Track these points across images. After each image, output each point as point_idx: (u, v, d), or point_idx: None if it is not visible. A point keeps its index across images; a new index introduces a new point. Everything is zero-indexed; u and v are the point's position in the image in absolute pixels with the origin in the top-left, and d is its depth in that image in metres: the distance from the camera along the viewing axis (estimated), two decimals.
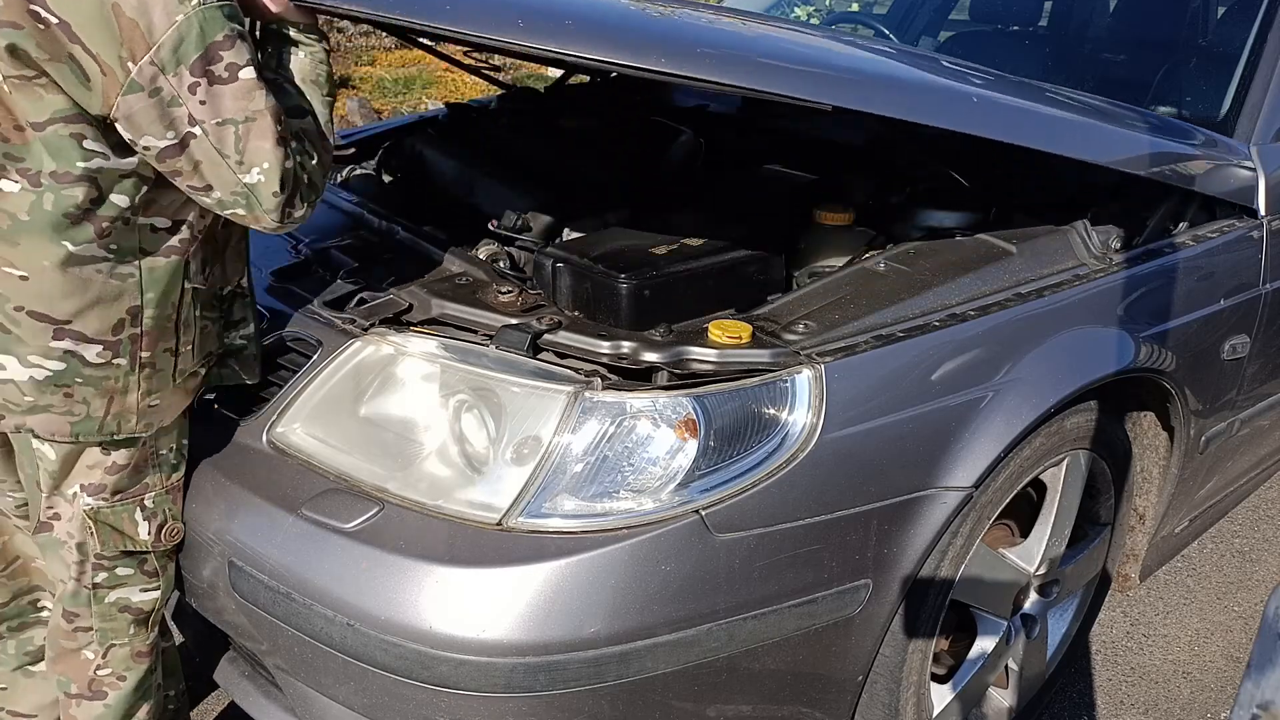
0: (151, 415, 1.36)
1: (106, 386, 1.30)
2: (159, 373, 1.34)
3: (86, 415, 1.30)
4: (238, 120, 1.19)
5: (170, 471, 1.43)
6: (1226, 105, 2.06)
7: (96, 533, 1.38)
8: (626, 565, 1.27)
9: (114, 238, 1.25)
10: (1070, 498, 1.78)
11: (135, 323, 1.30)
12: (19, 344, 1.26)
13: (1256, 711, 0.93)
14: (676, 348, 1.38)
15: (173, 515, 1.44)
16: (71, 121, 1.18)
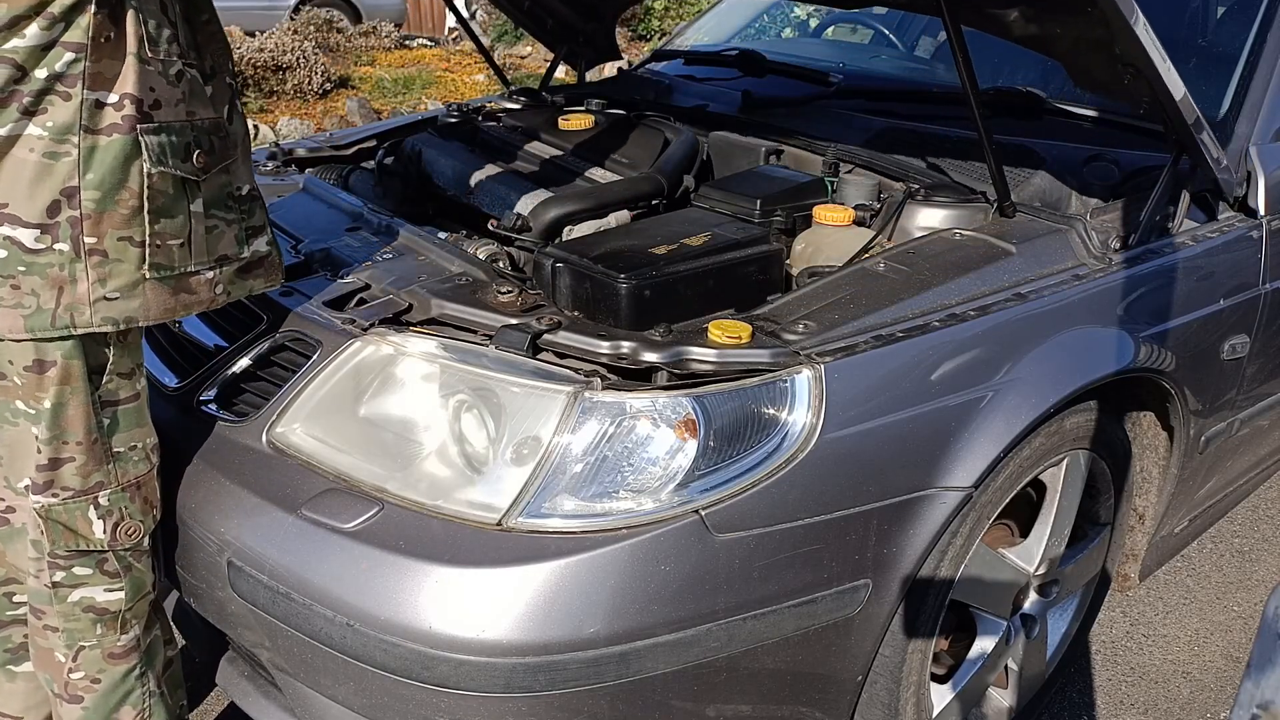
0: (112, 309, 1.26)
1: (51, 275, 1.22)
2: (115, 262, 1.25)
3: (37, 308, 1.23)
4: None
5: (129, 468, 1.37)
6: (1226, 105, 2.06)
7: (47, 531, 1.33)
8: (626, 565, 1.27)
9: (48, 114, 1.19)
10: (1070, 498, 1.78)
11: (73, 204, 1.22)
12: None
13: (1256, 711, 0.93)
14: (676, 348, 1.38)
15: (130, 514, 1.38)
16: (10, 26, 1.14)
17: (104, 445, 1.34)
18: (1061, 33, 1.64)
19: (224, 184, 1.38)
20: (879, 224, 1.80)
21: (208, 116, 1.35)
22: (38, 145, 1.19)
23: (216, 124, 1.37)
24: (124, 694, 1.44)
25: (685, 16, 9.10)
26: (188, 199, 1.31)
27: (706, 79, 2.57)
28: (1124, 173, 1.90)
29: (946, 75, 2.56)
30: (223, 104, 1.39)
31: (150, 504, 1.41)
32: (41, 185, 1.20)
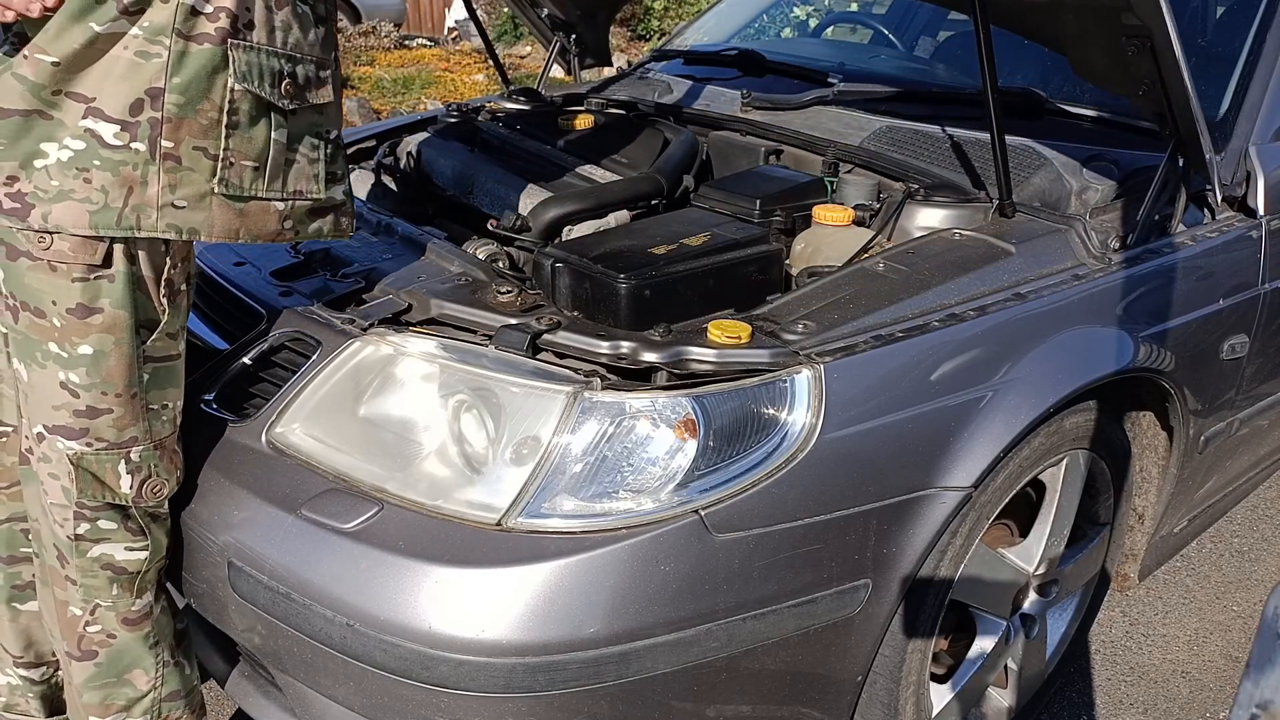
0: (178, 217, 1.27)
1: (124, 174, 1.24)
2: (186, 171, 1.27)
3: (105, 204, 1.24)
4: None
5: (162, 427, 1.39)
6: (1225, 105, 2.06)
7: (77, 479, 1.34)
8: (626, 565, 1.27)
9: (145, 14, 1.20)
10: (1069, 497, 1.78)
11: (155, 106, 1.23)
12: (60, 128, 1.23)
13: (1256, 711, 0.93)
14: (676, 348, 1.38)
15: (158, 471, 1.39)
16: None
17: (142, 401, 1.35)
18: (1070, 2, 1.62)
19: (315, 122, 1.38)
20: (878, 224, 1.80)
21: (312, 55, 1.35)
22: (132, 44, 1.21)
23: (322, 62, 1.38)
24: (136, 656, 1.45)
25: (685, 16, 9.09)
26: (270, 125, 1.32)
27: (706, 79, 2.57)
28: (1123, 173, 1.90)
29: (946, 75, 2.56)
30: (330, 49, 1.40)
31: (175, 464, 1.42)
32: (129, 82, 1.22)
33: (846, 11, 3.48)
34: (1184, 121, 1.70)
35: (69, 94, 1.22)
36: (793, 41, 3.17)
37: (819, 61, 2.51)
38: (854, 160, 1.99)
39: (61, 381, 1.30)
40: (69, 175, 1.23)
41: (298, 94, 1.34)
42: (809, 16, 3.36)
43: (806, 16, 3.36)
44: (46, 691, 1.66)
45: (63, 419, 1.32)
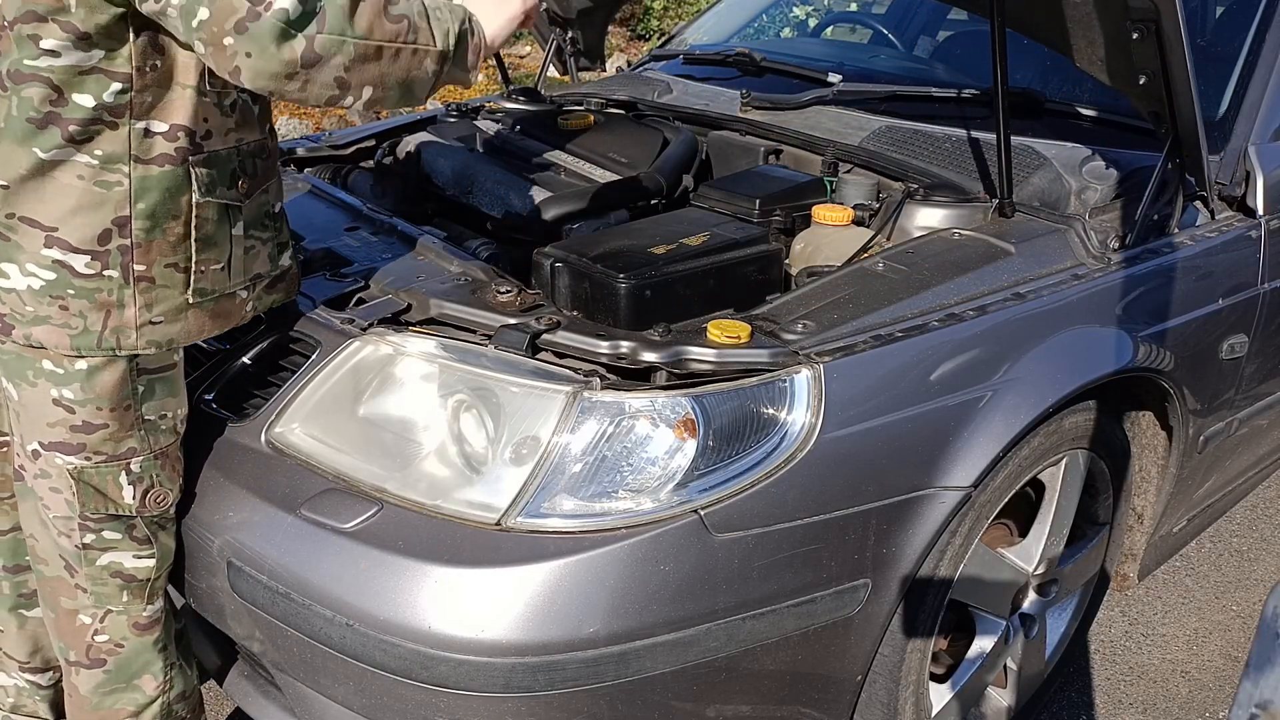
0: (156, 332, 1.29)
1: (100, 299, 1.25)
2: (161, 289, 1.28)
3: (84, 328, 1.25)
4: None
5: (161, 437, 1.38)
6: (1225, 105, 2.06)
7: (79, 493, 1.34)
8: (625, 565, 1.27)
9: (95, 142, 1.19)
10: (1069, 497, 1.78)
11: (124, 233, 1.23)
12: (19, 251, 1.23)
13: (1255, 711, 0.93)
14: (675, 347, 1.38)
15: (160, 481, 1.39)
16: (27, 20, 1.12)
17: (136, 413, 1.34)
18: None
19: (262, 204, 1.39)
20: (878, 224, 1.80)
21: (253, 139, 1.35)
22: (87, 173, 1.20)
23: (261, 145, 1.37)
24: (146, 662, 1.44)
25: (684, 16, 9.09)
26: (229, 224, 1.33)
27: (706, 79, 2.57)
28: (1123, 173, 1.90)
29: (945, 75, 2.56)
30: (266, 121, 1.39)
31: (177, 472, 1.42)
32: (94, 213, 1.22)
33: (846, 11, 3.48)
34: (1183, 115, 1.70)
35: (22, 218, 1.22)
36: (792, 41, 3.17)
37: (818, 61, 2.51)
38: (853, 160, 1.99)
39: (54, 398, 1.29)
40: (44, 302, 1.24)
41: (251, 186, 1.35)
42: (808, 16, 3.36)
43: (806, 16, 3.36)
44: (54, 696, 1.66)
45: (59, 435, 1.31)
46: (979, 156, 1.93)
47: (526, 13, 1.39)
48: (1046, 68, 2.30)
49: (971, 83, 2.26)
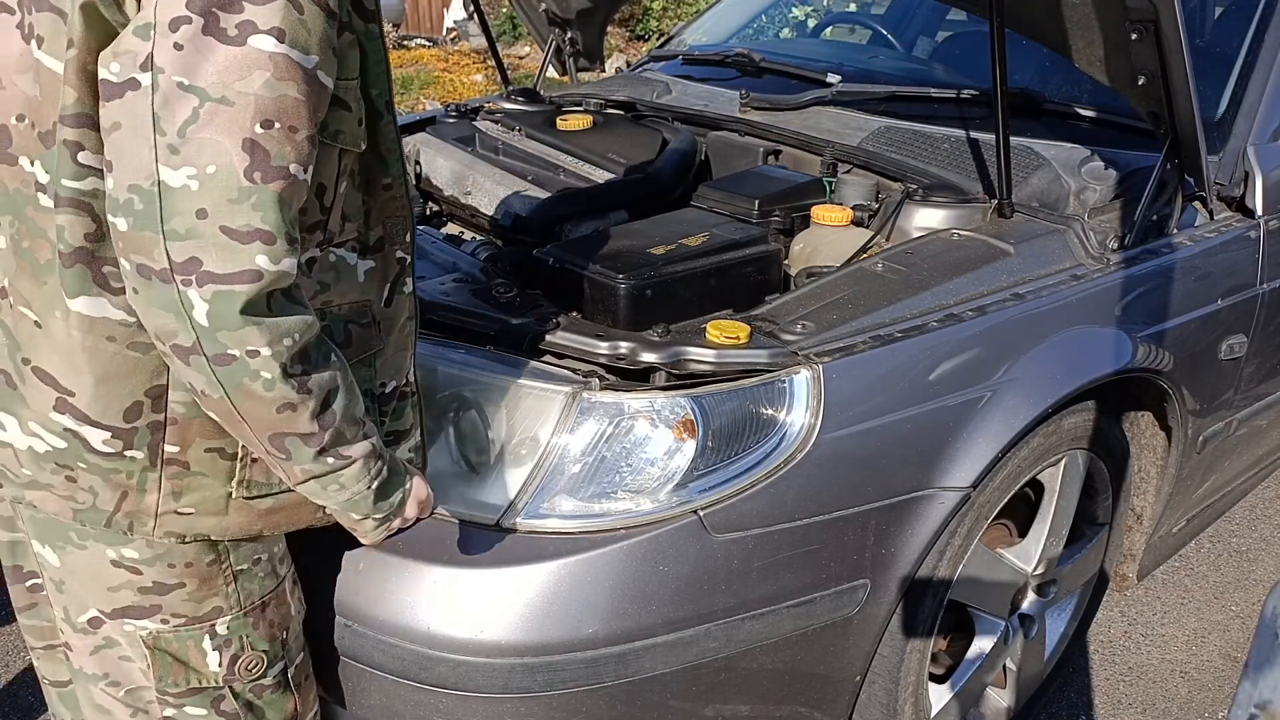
0: (180, 523, 1.04)
1: (116, 480, 1.01)
2: (194, 477, 1.03)
3: (92, 505, 1.02)
4: (210, 95, 0.82)
5: (255, 587, 1.13)
6: (1224, 105, 2.06)
7: (153, 664, 1.10)
8: (625, 566, 1.27)
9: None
10: (1068, 498, 1.78)
11: (158, 407, 0.99)
12: (22, 405, 1.01)
13: (1254, 711, 0.93)
14: (674, 348, 1.38)
15: (251, 643, 1.13)
16: (72, 124, 0.90)
17: (224, 564, 1.10)
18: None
19: (363, 379, 1.10)
20: (877, 224, 1.80)
21: (348, 301, 1.08)
22: (119, 334, 0.96)
23: (360, 308, 1.09)
24: None
25: (683, 16, 9.10)
26: None
27: (705, 79, 2.57)
28: (1122, 173, 1.90)
29: (944, 75, 2.56)
30: (381, 283, 1.11)
31: (277, 626, 1.16)
32: (122, 384, 0.98)
33: (845, 12, 3.48)
34: (1182, 116, 1.70)
35: (36, 369, 0.99)
36: (791, 42, 3.17)
37: (817, 62, 2.51)
38: (852, 160, 1.99)
39: (113, 559, 1.06)
40: (46, 470, 1.01)
41: (351, 355, 1.07)
42: (808, 17, 3.36)
43: (805, 17, 3.36)
44: None
45: (126, 599, 1.08)
46: (978, 157, 1.93)
47: None
48: (1046, 68, 2.30)
49: (970, 83, 2.26)
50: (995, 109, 1.68)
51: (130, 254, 0.84)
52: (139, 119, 0.82)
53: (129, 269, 0.85)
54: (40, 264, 0.96)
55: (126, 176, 0.82)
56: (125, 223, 0.83)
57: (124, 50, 0.83)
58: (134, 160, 0.82)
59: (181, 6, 0.82)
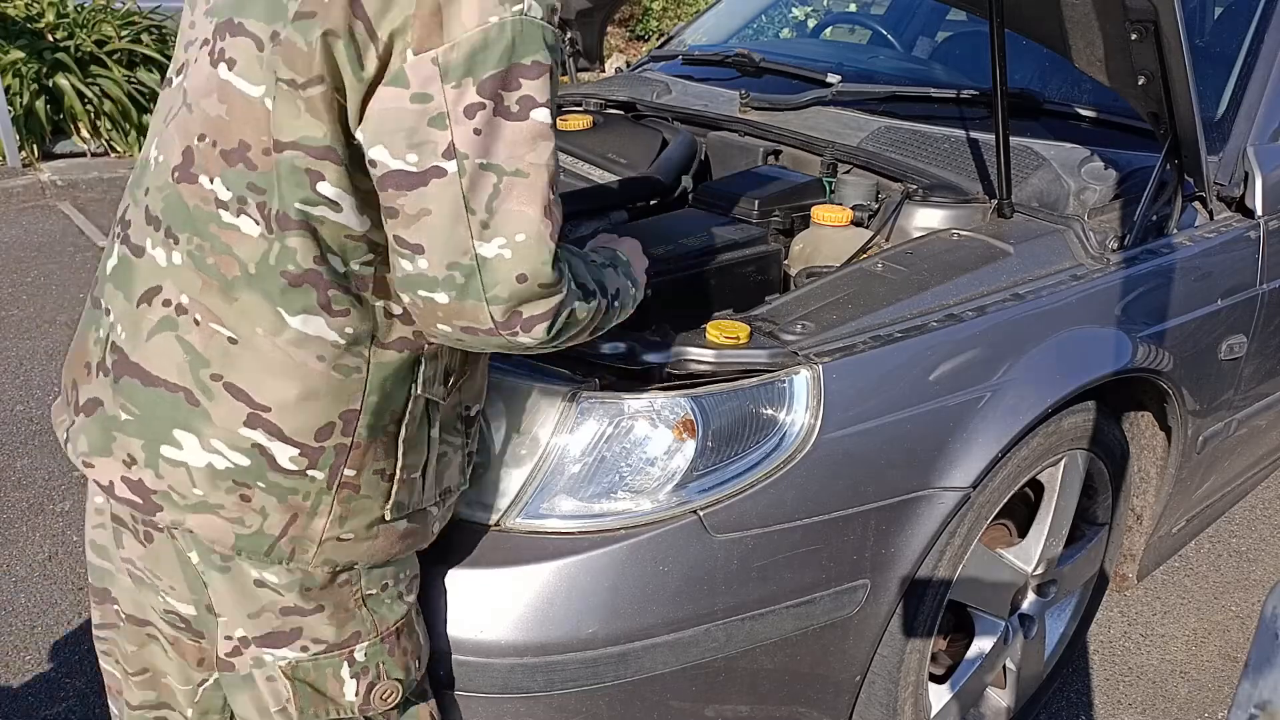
0: (338, 551, 1.06)
1: (292, 502, 1.02)
2: (361, 500, 1.05)
3: (259, 529, 1.02)
4: (505, 170, 0.90)
5: (387, 612, 1.13)
6: (1223, 106, 2.06)
7: (294, 696, 1.10)
8: (624, 566, 1.26)
9: (344, 318, 0.99)
10: (1068, 498, 1.78)
11: (348, 431, 1.02)
12: (206, 421, 1.00)
13: (1254, 711, 0.93)
14: (674, 348, 1.38)
15: (387, 670, 1.13)
16: (315, 154, 0.94)
17: (351, 589, 1.11)
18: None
19: (454, 404, 1.14)
20: (877, 224, 1.80)
21: None
22: (329, 354, 1.00)
23: None
24: None
25: (683, 16, 9.09)
26: (429, 424, 1.10)
27: (705, 79, 2.57)
28: (1121, 173, 1.90)
29: (944, 75, 2.56)
30: None
31: (408, 654, 1.17)
32: (321, 403, 1.00)
33: (845, 12, 3.48)
34: (1182, 116, 1.70)
35: (229, 385, 1.00)
36: (791, 42, 3.17)
37: (817, 62, 2.51)
38: (852, 161, 1.98)
39: (256, 579, 1.07)
40: (221, 488, 1.01)
41: (454, 381, 1.13)
42: (807, 17, 3.36)
43: (805, 17, 3.36)
44: None
45: (267, 625, 1.08)
46: (978, 157, 1.93)
47: None
48: (1046, 68, 2.30)
49: (970, 83, 2.26)
50: (995, 109, 1.68)
51: (453, 320, 0.95)
52: (452, 204, 0.90)
53: (449, 331, 0.96)
54: (229, 280, 0.98)
55: (445, 256, 0.91)
56: (446, 296, 0.93)
57: (420, 141, 0.89)
58: (451, 241, 0.91)
59: (473, 94, 0.89)
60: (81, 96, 5.64)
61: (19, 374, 3.32)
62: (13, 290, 4.04)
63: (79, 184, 5.39)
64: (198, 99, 1.00)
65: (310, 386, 1.00)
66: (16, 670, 2.06)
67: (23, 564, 2.38)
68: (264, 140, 0.95)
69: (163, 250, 1.02)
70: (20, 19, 5.66)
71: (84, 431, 1.07)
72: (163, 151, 1.04)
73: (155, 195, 1.04)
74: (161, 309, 1.02)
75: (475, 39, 0.88)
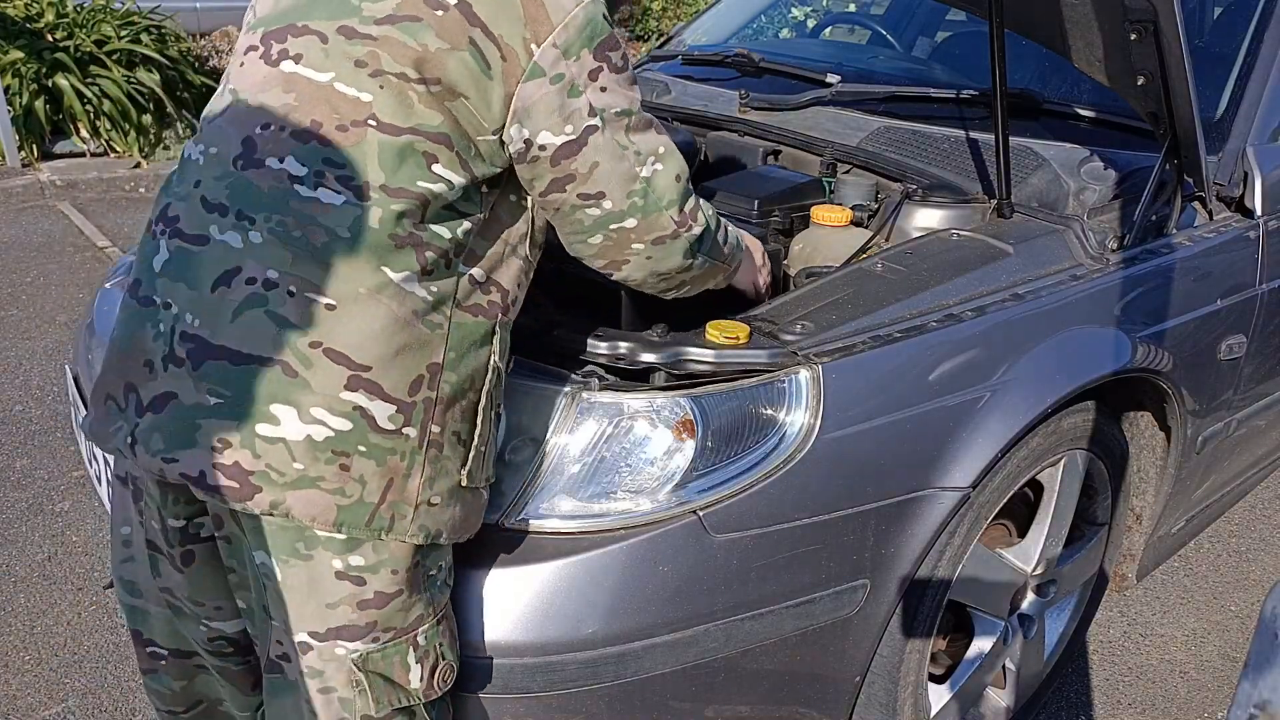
0: (429, 517, 1.09)
1: (390, 464, 1.05)
2: (444, 460, 1.10)
3: (360, 499, 1.04)
4: (631, 111, 1.11)
5: (439, 595, 1.17)
6: (1223, 106, 2.06)
7: (369, 688, 1.11)
8: (624, 566, 1.27)
9: (435, 277, 1.07)
10: (1067, 498, 1.78)
11: (433, 384, 1.08)
12: (305, 391, 1.02)
13: (1254, 711, 0.93)
14: (674, 348, 1.38)
15: (444, 652, 1.16)
16: (433, 140, 1.05)
17: (422, 569, 1.14)
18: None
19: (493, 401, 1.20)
20: (877, 224, 1.80)
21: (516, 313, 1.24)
22: (421, 308, 1.07)
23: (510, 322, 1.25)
24: None
25: (683, 16, 9.10)
26: (492, 403, 1.17)
27: (704, 79, 2.57)
28: (1121, 173, 1.90)
29: (944, 76, 2.56)
30: None
31: (455, 637, 1.21)
32: (412, 357, 1.06)
33: (845, 12, 3.48)
34: (1181, 116, 1.70)
35: (329, 350, 1.03)
36: (791, 42, 3.17)
37: (817, 62, 2.51)
38: (852, 160, 1.99)
39: (339, 570, 1.07)
40: (321, 459, 1.03)
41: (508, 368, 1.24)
42: (807, 17, 3.36)
43: (805, 17, 3.36)
44: None
45: (343, 617, 1.09)
46: (977, 157, 1.93)
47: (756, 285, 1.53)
48: (1045, 68, 2.31)
49: (970, 83, 2.26)
50: (995, 109, 1.68)
51: (645, 236, 1.15)
52: (613, 149, 1.10)
53: (641, 249, 1.17)
54: (318, 247, 1.04)
55: (623, 190, 1.12)
56: (635, 219, 1.14)
57: (569, 113, 1.07)
58: (624, 176, 1.12)
59: (591, 61, 1.08)
60: (81, 96, 5.64)
61: (18, 374, 3.32)
62: (12, 290, 4.03)
63: (78, 184, 5.39)
64: (254, 94, 1.09)
65: (405, 341, 1.06)
66: (16, 670, 2.06)
67: (22, 564, 2.38)
68: (336, 118, 1.05)
69: (236, 234, 1.05)
70: (20, 19, 5.66)
71: (157, 429, 1.06)
72: (214, 145, 1.10)
73: (214, 185, 1.08)
74: (246, 288, 1.04)
75: (578, 17, 1.05)
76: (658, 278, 1.22)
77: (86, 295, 4.01)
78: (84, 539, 2.48)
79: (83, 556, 2.41)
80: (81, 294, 4.03)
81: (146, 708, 1.97)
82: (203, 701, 1.31)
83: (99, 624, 2.18)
